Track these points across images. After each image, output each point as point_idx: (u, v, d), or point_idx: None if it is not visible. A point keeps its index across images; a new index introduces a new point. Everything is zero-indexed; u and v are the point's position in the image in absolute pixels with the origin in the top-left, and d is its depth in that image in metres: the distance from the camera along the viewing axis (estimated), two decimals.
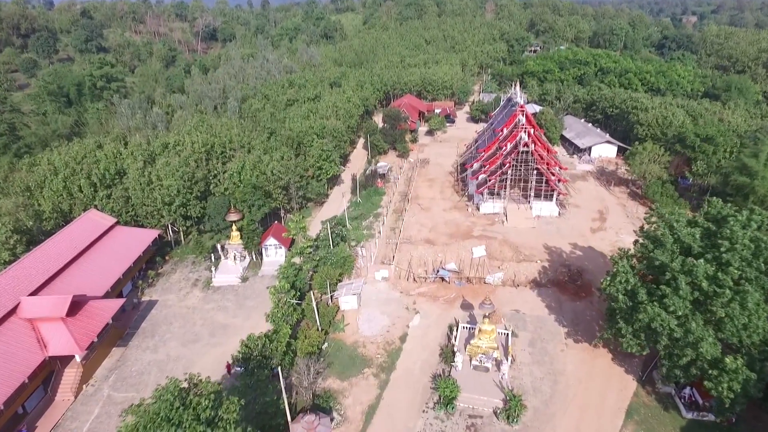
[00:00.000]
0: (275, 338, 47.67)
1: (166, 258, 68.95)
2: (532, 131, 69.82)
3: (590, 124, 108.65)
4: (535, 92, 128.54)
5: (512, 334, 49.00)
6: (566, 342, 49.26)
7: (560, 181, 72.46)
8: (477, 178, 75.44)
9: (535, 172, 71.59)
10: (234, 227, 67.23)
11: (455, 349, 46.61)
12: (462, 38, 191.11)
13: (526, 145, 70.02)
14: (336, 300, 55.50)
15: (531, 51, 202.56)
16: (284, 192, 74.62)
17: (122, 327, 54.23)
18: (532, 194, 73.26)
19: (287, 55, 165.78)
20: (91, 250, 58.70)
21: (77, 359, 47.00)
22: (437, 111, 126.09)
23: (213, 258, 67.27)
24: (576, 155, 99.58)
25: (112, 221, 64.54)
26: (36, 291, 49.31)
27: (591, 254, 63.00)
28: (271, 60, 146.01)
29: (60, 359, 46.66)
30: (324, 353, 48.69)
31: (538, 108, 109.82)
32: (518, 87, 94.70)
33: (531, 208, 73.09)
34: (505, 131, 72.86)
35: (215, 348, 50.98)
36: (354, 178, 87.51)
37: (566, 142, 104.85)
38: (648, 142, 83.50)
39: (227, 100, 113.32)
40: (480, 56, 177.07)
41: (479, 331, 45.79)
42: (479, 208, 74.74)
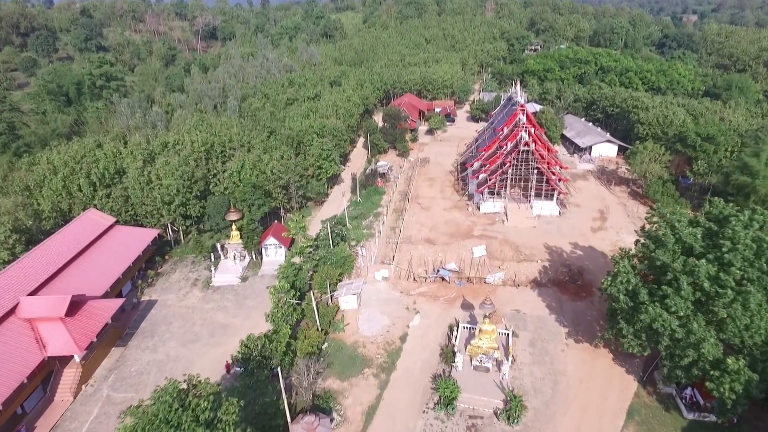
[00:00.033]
0: (275, 338, 47.53)
1: (166, 257, 68.81)
2: (533, 130, 69.63)
3: (591, 123, 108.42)
4: (536, 91, 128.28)
5: (513, 334, 48.86)
6: (567, 342, 49.14)
7: (561, 181, 72.28)
8: (477, 178, 75.29)
9: (536, 172, 71.46)
10: (234, 227, 67.10)
11: (455, 350, 46.47)
12: (462, 37, 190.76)
13: (527, 145, 69.83)
14: (336, 300, 55.35)
15: (531, 50, 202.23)
16: (284, 191, 74.46)
17: (121, 327, 54.10)
18: (533, 193, 73.12)
19: (287, 54, 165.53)
20: (91, 250, 58.58)
21: (76, 359, 46.86)
22: (437, 110, 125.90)
23: (213, 257, 67.15)
24: (576, 154, 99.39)
25: (112, 221, 64.44)
26: (35, 291, 49.22)
27: (592, 254, 62.88)
28: (271, 59, 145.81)
29: (59, 359, 46.52)
30: (324, 353, 48.55)
31: (539, 107, 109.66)
32: (518, 86, 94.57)
33: (531, 208, 72.95)
34: (506, 130, 72.71)
35: (215, 348, 50.84)
36: (354, 178, 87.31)
37: (567, 142, 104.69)
38: (649, 142, 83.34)
39: (227, 99, 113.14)
40: (480, 55, 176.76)
41: (480, 331, 45.65)
42: (479, 208, 74.59)
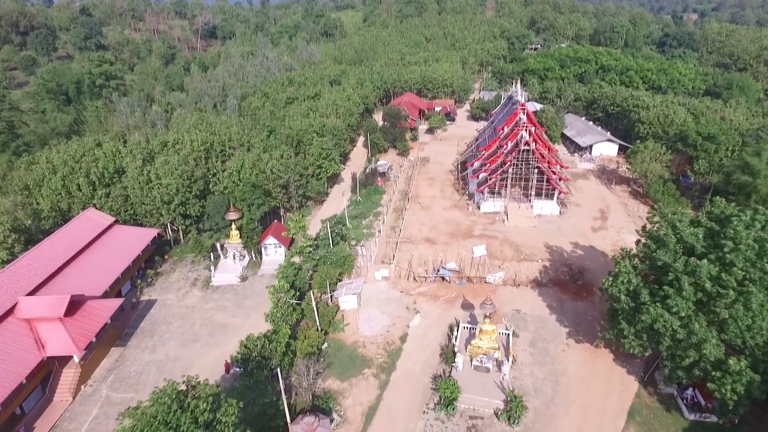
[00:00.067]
0: (274, 338, 47.36)
1: (165, 257, 68.63)
2: (533, 129, 69.43)
3: (591, 123, 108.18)
4: (536, 90, 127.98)
5: (513, 335, 48.71)
6: (567, 342, 48.99)
7: (561, 180, 72.10)
8: (478, 177, 75.13)
9: (536, 171, 71.29)
10: (233, 226, 66.97)
11: (456, 350, 46.33)
12: (462, 36, 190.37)
13: (527, 144, 69.63)
14: (336, 300, 55.20)
15: (532, 49, 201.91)
16: (284, 191, 74.27)
17: (121, 327, 53.96)
18: (533, 193, 72.98)
19: (287, 53, 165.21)
20: (90, 250, 58.45)
21: (75, 359, 46.70)
22: (437, 109, 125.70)
23: (212, 257, 66.98)
24: (577, 154, 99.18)
25: (111, 220, 64.30)
26: (34, 291, 49.11)
27: (592, 253, 62.73)
28: (271, 58, 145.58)
29: (58, 359, 46.38)
30: (324, 353, 48.41)
31: (539, 106, 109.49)
32: (519, 85, 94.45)
33: (532, 207, 72.80)
34: (506, 129, 72.56)
35: (214, 348, 50.70)
36: (354, 177, 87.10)
37: (567, 141, 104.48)
38: (649, 141, 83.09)
39: (227, 98, 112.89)
40: (480, 54, 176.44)
41: (480, 332, 45.48)
42: (480, 207, 74.42)
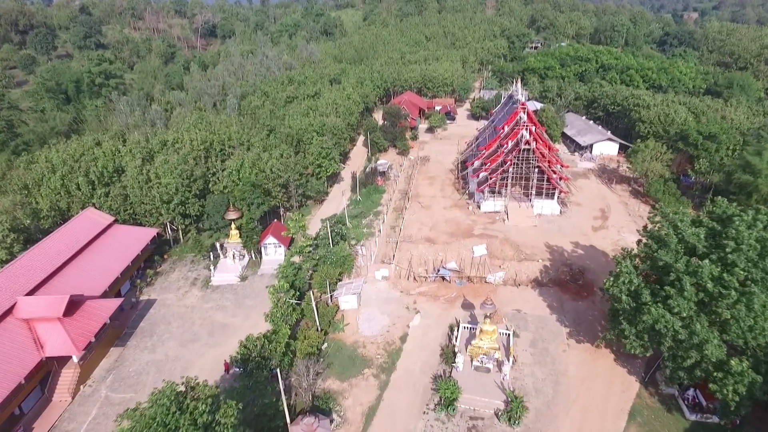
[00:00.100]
0: (274, 339, 47.20)
1: (165, 257, 68.47)
2: (534, 129, 69.23)
3: (592, 122, 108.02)
4: (536, 89, 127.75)
5: (513, 335, 48.53)
6: (568, 342, 48.84)
7: (562, 179, 71.92)
8: (478, 176, 74.97)
9: (537, 170, 71.11)
10: (233, 225, 66.77)
11: (456, 350, 46.19)
12: (462, 35, 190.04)
13: (528, 143, 69.42)
14: (336, 299, 55.05)
15: (532, 47, 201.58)
16: (283, 190, 74.08)
17: (120, 327, 53.80)
18: (534, 192, 72.80)
19: (287, 52, 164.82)
20: (89, 249, 58.26)
21: (74, 360, 46.55)
22: (438, 108, 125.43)
23: (212, 257, 66.83)
24: (577, 153, 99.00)
25: (110, 219, 64.11)
26: (33, 290, 48.93)
27: (593, 253, 62.58)
28: (271, 57, 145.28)
29: (57, 360, 46.22)
30: (324, 354, 48.26)
31: (539, 105, 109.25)
32: (519, 84, 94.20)
33: (532, 207, 72.65)
34: (507, 129, 72.37)
35: (214, 348, 50.56)
36: (354, 176, 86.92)
37: (567, 140, 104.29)
38: (650, 140, 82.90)
39: (226, 97, 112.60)
40: (480, 53, 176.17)
41: (480, 332, 45.32)
42: (480, 207, 74.25)
